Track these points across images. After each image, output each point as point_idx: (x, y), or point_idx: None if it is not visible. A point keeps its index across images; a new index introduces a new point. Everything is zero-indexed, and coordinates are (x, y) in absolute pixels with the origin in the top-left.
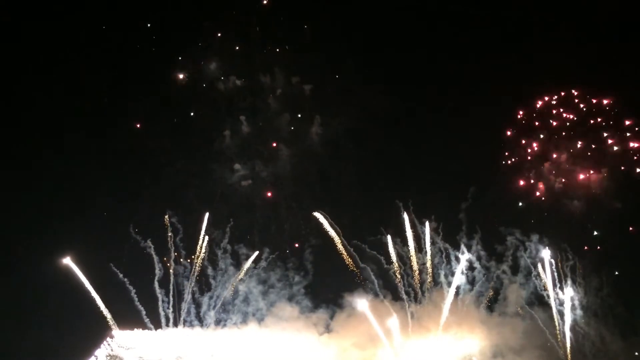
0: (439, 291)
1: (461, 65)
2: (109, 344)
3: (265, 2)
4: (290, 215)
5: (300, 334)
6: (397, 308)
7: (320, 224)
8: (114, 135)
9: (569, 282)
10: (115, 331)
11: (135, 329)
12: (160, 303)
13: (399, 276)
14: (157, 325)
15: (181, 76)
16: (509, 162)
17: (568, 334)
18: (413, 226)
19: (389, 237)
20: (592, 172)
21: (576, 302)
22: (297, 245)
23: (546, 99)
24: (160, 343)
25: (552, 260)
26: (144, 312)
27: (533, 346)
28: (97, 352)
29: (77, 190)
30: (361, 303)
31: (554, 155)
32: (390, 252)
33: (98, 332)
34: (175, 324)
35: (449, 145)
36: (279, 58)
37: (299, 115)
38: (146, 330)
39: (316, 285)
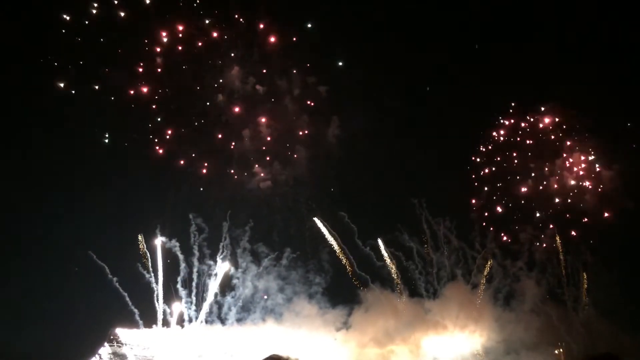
0: (455, 288)
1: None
2: (115, 343)
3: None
4: (310, 215)
5: (318, 331)
6: (414, 304)
7: (338, 224)
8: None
9: (583, 278)
10: (118, 329)
11: (147, 328)
12: (182, 302)
13: (416, 272)
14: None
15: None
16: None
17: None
18: (428, 224)
19: (405, 236)
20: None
21: (589, 299)
22: (315, 244)
23: None
24: (179, 341)
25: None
26: (168, 311)
27: (547, 343)
28: (101, 350)
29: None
30: (378, 299)
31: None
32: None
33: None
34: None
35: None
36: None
37: (316, 117)
38: (162, 328)
39: (334, 283)
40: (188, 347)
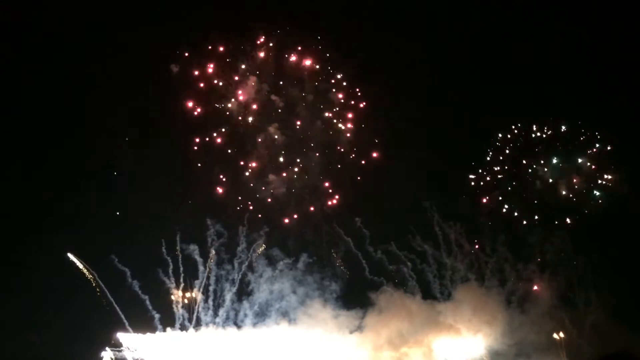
0: (468, 290)
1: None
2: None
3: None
4: (325, 221)
5: (332, 333)
6: (427, 306)
7: (351, 228)
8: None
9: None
10: (120, 334)
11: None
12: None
13: (429, 275)
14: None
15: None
16: None
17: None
18: (440, 227)
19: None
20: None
21: (600, 301)
22: (330, 249)
23: None
24: (193, 345)
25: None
26: (186, 316)
27: (559, 346)
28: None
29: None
30: (391, 301)
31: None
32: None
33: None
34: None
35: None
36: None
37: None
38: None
39: (348, 286)
40: (201, 352)
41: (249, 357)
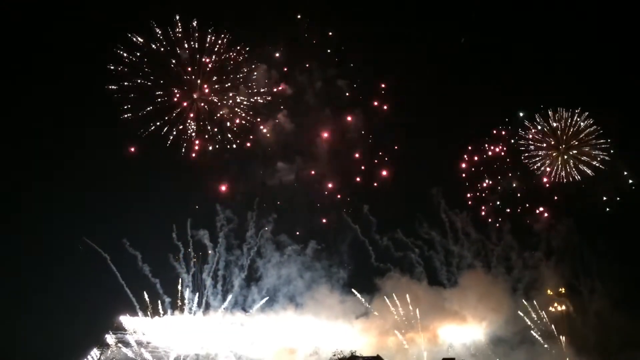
0: (474, 277)
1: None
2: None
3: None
4: (333, 208)
5: (338, 319)
6: (433, 293)
7: (359, 215)
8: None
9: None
10: (122, 317)
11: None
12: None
13: (435, 261)
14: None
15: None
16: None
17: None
18: (446, 215)
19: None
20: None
21: (604, 290)
22: (338, 235)
23: None
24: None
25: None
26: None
27: (564, 333)
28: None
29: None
30: (397, 287)
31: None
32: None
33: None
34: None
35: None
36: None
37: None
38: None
39: (355, 272)
40: (207, 335)
41: (255, 340)
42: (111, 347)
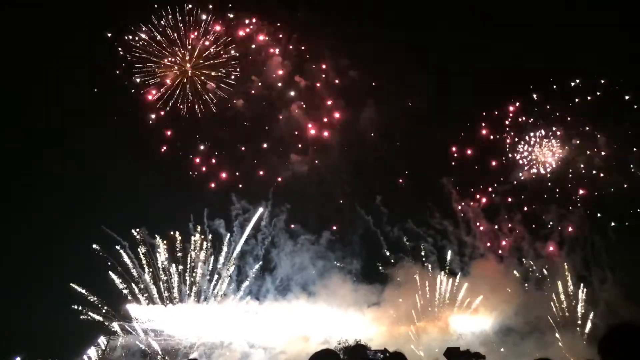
0: (485, 266)
1: None
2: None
3: None
4: (346, 200)
5: (349, 308)
6: (445, 282)
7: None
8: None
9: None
10: (133, 305)
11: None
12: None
13: (448, 252)
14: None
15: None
16: None
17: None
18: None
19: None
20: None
21: (615, 279)
22: (350, 227)
23: None
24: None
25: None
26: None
27: (573, 324)
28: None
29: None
30: (409, 277)
31: None
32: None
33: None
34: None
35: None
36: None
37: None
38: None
39: (367, 262)
40: (225, 324)
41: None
42: (120, 335)
